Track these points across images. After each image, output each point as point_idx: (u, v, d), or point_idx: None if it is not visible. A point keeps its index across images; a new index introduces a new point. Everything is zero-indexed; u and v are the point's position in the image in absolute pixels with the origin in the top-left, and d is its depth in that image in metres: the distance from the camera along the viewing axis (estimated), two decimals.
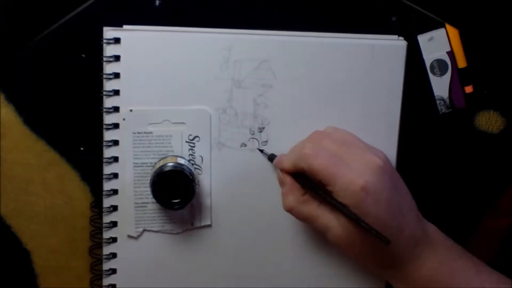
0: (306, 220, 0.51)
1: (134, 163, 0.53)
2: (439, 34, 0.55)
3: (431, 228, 0.51)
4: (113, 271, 0.55)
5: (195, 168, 0.53)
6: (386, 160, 0.50)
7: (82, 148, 0.54)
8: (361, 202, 0.46)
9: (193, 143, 0.53)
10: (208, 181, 0.54)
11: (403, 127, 0.55)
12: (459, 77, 0.55)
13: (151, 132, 0.53)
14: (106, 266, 0.55)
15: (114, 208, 0.54)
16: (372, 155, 0.49)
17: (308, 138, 0.52)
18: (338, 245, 0.49)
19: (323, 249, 0.56)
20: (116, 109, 0.52)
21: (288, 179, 0.51)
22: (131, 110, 0.52)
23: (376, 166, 0.47)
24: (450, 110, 0.56)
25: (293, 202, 0.50)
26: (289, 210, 0.51)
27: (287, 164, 0.51)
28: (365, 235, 0.47)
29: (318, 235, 0.56)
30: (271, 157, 0.54)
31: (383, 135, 0.55)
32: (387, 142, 0.55)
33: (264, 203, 0.55)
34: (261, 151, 0.54)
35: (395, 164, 0.55)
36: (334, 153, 0.48)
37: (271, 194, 0.54)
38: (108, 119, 0.52)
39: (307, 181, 0.50)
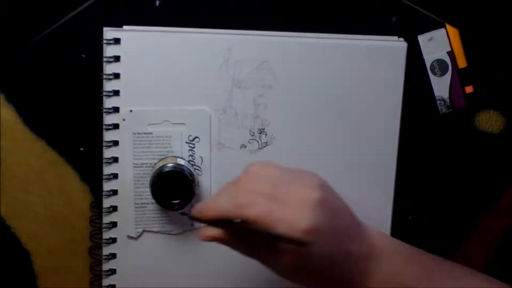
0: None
1: (134, 163, 0.53)
2: (439, 34, 0.55)
3: (375, 236, 0.48)
4: (113, 271, 0.55)
5: (195, 169, 0.53)
6: (322, 187, 0.46)
7: (82, 148, 0.54)
8: (306, 250, 0.43)
9: (193, 144, 0.53)
10: (208, 181, 0.54)
11: (403, 127, 0.55)
12: (459, 77, 0.55)
13: (151, 133, 0.53)
14: (106, 266, 0.55)
15: (114, 208, 0.54)
16: (307, 188, 0.45)
17: (237, 182, 0.46)
18: (287, 277, 0.47)
19: None
20: (116, 109, 0.52)
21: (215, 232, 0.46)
22: (131, 111, 0.52)
23: (314, 203, 0.44)
24: (450, 110, 0.56)
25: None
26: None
27: (213, 213, 0.45)
28: (308, 260, 0.44)
29: None
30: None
31: (383, 135, 0.55)
32: (387, 142, 0.55)
33: None
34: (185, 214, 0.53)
35: (395, 164, 0.55)
36: (269, 196, 0.44)
37: None
38: (108, 119, 0.52)
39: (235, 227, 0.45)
